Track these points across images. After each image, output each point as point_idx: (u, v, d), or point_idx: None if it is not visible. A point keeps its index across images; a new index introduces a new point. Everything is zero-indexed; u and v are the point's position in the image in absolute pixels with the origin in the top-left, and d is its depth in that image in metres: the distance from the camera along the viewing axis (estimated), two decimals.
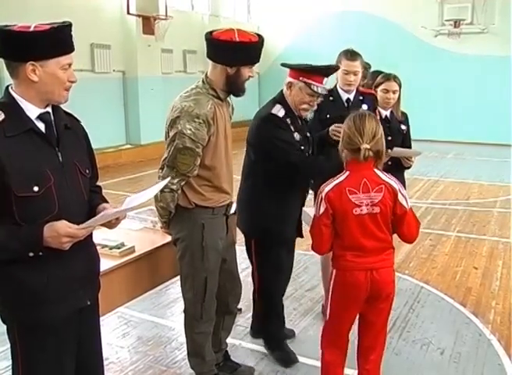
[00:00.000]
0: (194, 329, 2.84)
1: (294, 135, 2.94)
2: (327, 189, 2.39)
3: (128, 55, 10.99)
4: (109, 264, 2.64)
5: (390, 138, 3.61)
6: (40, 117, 1.79)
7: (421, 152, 3.68)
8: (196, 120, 2.50)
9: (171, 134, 2.58)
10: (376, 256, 2.40)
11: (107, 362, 3.11)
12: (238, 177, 3.09)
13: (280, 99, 3.00)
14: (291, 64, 2.96)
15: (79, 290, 1.91)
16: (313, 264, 4.78)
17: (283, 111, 2.96)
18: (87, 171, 1.95)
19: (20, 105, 1.76)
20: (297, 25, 14.74)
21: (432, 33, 13.39)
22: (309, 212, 2.54)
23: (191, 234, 2.68)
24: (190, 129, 2.50)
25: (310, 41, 14.13)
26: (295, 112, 2.98)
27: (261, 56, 2.62)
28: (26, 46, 1.69)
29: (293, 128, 2.95)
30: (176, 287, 2.89)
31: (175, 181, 2.57)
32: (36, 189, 1.73)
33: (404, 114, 3.88)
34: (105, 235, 2.84)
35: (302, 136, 2.98)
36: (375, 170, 2.40)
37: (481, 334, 3.58)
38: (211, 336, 2.91)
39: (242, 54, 2.52)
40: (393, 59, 11.55)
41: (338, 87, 3.58)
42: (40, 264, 1.77)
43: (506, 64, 12.35)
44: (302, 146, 2.96)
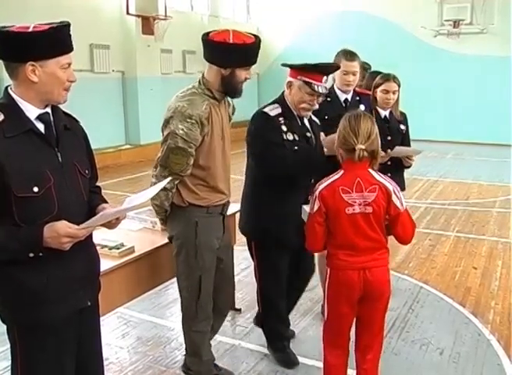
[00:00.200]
0: (190, 327, 2.85)
1: (286, 135, 2.88)
2: (321, 187, 2.42)
3: (127, 56, 11.00)
4: (109, 264, 2.64)
5: (390, 138, 3.62)
6: (39, 118, 1.79)
7: (422, 151, 3.68)
8: (188, 120, 2.52)
9: (164, 134, 2.62)
10: (368, 255, 2.41)
11: (106, 363, 3.11)
12: (237, 177, 3.09)
13: (280, 99, 2.99)
14: (291, 63, 2.94)
15: (79, 290, 1.91)
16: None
17: (278, 110, 2.93)
18: (87, 171, 1.95)
19: (20, 106, 1.76)
20: (297, 25, 14.75)
21: (432, 33, 13.41)
22: (307, 210, 2.55)
23: (185, 232, 2.71)
24: (183, 129, 2.52)
25: (309, 42, 14.13)
26: (294, 112, 2.95)
27: (261, 57, 2.62)
28: (25, 46, 1.69)
29: (286, 128, 2.89)
30: (176, 288, 2.89)
31: (168, 180, 2.59)
32: (36, 189, 1.73)
33: (403, 114, 3.88)
34: (105, 235, 2.84)
35: (300, 136, 2.93)
36: (370, 170, 2.41)
37: (480, 334, 3.58)
38: (208, 335, 2.91)
39: (235, 56, 2.52)
40: (393, 59, 11.56)
41: (335, 88, 3.57)
42: (40, 264, 1.77)
43: (505, 64, 12.37)
44: (296, 146, 2.90)
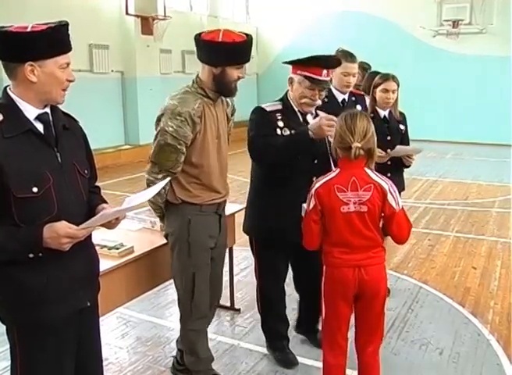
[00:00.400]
0: (186, 326, 2.85)
1: (282, 131, 2.86)
2: (317, 185, 2.45)
3: (126, 56, 10.99)
4: (108, 264, 2.64)
5: (389, 138, 3.62)
6: (38, 118, 1.79)
7: (422, 149, 3.69)
8: (178, 118, 2.55)
9: (156, 131, 2.65)
10: (364, 253, 2.43)
11: (106, 363, 3.11)
12: (236, 177, 3.08)
13: (283, 97, 2.98)
14: (291, 60, 2.89)
15: (79, 290, 1.91)
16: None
17: (277, 107, 2.92)
18: (86, 171, 1.95)
19: (19, 106, 1.76)
20: (296, 25, 14.75)
21: (431, 33, 13.42)
22: (306, 207, 2.57)
23: (178, 229, 2.73)
24: (172, 126, 2.55)
25: (309, 42, 14.11)
26: (295, 109, 2.92)
27: (260, 57, 2.62)
28: (24, 46, 1.69)
29: (283, 124, 2.87)
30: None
31: (159, 177, 2.63)
32: (35, 190, 1.73)
33: (402, 114, 3.88)
34: (104, 235, 2.84)
35: None
36: (366, 169, 2.42)
37: (479, 334, 3.59)
38: (205, 334, 2.91)
39: (225, 54, 2.54)
40: (392, 59, 11.58)
41: (333, 88, 3.55)
42: (39, 265, 1.77)
43: (504, 64, 12.39)
44: None
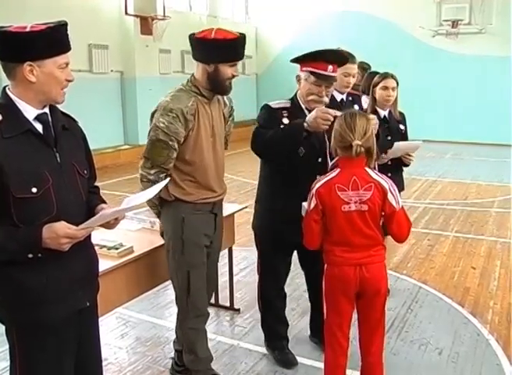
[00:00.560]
0: (184, 324, 2.86)
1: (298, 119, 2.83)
2: (318, 185, 2.46)
3: (126, 56, 10.99)
4: (107, 264, 2.64)
5: (390, 138, 3.63)
6: (37, 118, 1.79)
7: (420, 144, 3.69)
8: (169, 114, 2.57)
9: (149, 128, 2.68)
10: (364, 252, 2.44)
11: (105, 363, 3.11)
12: (235, 177, 3.08)
13: (293, 95, 2.97)
14: (296, 56, 2.85)
15: (78, 291, 1.90)
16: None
17: (284, 104, 2.92)
18: (85, 172, 1.95)
19: (18, 106, 1.76)
20: (296, 25, 14.74)
21: (430, 33, 13.43)
22: (306, 207, 2.57)
23: (172, 227, 2.75)
24: (164, 122, 2.58)
25: (308, 42, 14.02)
26: (303, 106, 2.89)
27: (259, 57, 2.62)
28: (23, 46, 1.69)
29: (288, 121, 2.85)
30: None
31: (152, 172, 2.65)
32: (34, 190, 1.72)
33: (402, 114, 3.88)
34: (103, 235, 2.84)
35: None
36: (366, 169, 2.44)
37: (479, 334, 3.59)
38: (204, 333, 2.91)
39: (216, 51, 2.55)
40: (392, 59, 11.57)
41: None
42: (39, 265, 1.77)
43: (503, 64, 12.40)
44: None
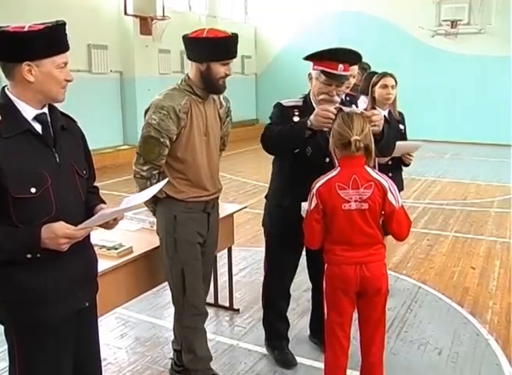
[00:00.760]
0: (180, 323, 2.86)
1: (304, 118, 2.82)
2: (318, 184, 2.46)
3: (125, 56, 10.98)
4: (107, 265, 2.64)
5: (391, 137, 3.62)
6: (36, 118, 1.79)
7: (422, 144, 3.71)
8: (161, 111, 2.61)
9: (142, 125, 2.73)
10: (365, 251, 2.45)
11: (105, 363, 3.11)
12: (234, 177, 3.08)
13: (306, 94, 2.97)
14: (308, 54, 2.82)
15: (78, 291, 1.90)
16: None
17: (297, 103, 2.92)
18: (84, 172, 1.95)
19: (17, 106, 1.76)
20: (295, 25, 14.74)
21: (430, 33, 13.44)
22: (305, 207, 2.57)
23: (165, 225, 2.77)
24: (155, 119, 2.62)
25: (308, 42, 14.09)
26: (314, 105, 2.86)
27: (259, 57, 2.63)
28: (21, 46, 1.69)
29: (299, 119, 2.83)
30: None
31: (144, 168, 2.71)
32: (33, 190, 1.72)
33: (401, 114, 3.88)
34: (103, 236, 2.84)
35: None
36: (366, 167, 2.45)
37: (478, 334, 3.59)
38: (202, 332, 2.91)
39: (208, 49, 2.57)
40: (391, 59, 11.57)
41: None
42: (38, 265, 1.77)
43: (503, 64, 12.41)
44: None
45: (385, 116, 3.70)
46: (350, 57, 2.84)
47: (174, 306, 2.89)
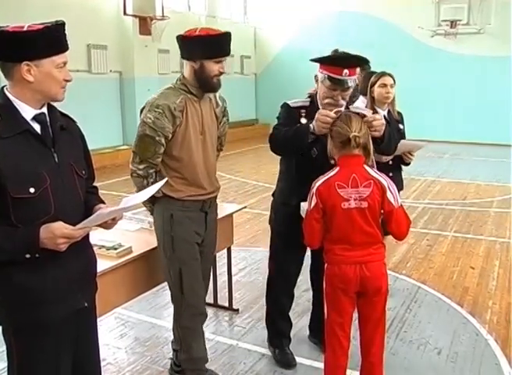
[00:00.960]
0: (179, 323, 2.86)
1: (307, 121, 2.81)
2: (318, 184, 2.47)
3: (125, 56, 10.99)
4: (106, 265, 2.64)
5: None
6: (35, 118, 1.79)
7: (425, 144, 3.73)
8: (156, 110, 2.62)
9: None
10: (364, 250, 2.45)
11: (104, 363, 3.11)
12: (233, 177, 3.08)
13: (313, 94, 2.96)
14: (315, 57, 2.80)
15: (77, 291, 1.90)
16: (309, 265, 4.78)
17: (303, 103, 2.92)
18: (83, 172, 1.95)
19: (16, 106, 1.76)
20: (294, 25, 14.74)
21: (429, 33, 13.45)
22: (305, 207, 2.58)
23: (162, 224, 2.77)
24: (150, 118, 2.62)
25: (307, 42, 14.12)
26: (320, 107, 2.84)
27: (258, 57, 2.63)
28: (20, 46, 1.69)
29: (306, 120, 2.83)
30: None
31: (141, 167, 2.70)
32: (32, 190, 1.72)
33: (400, 113, 3.89)
34: (102, 236, 2.84)
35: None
36: (365, 166, 2.46)
37: (478, 334, 3.59)
38: (199, 333, 2.90)
39: (200, 47, 2.59)
40: (390, 59, 11.56)
41: None
42: (37, 266, 1.77)
43: (502, 64, 12.42)
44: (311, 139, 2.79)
45: (384, 116, 3.71)
46: (356, 63, 2.81)
47: (173, 306, 2.89)
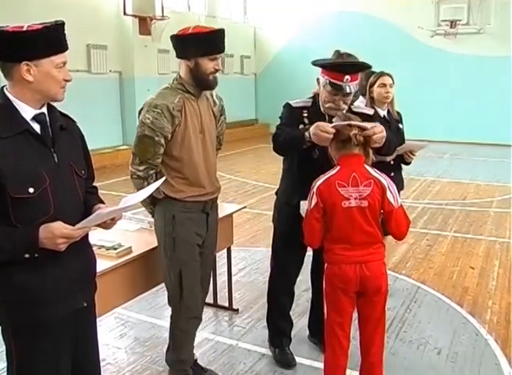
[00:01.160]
0: (175, 324, 2.85)
1: (304, 127, 2.81)
2: (318, 183, 2.48)
3: (124, 56, 10.99)
4: (106, 265, 2.64)
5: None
6: (35, 118, 1.78)
7: (427, 144, 3.77)
8: (154, 110, 2.60)
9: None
10: (364, 250, 2.46)
11: (104, 363, 3.11)
12: (233, 177, 3.08)
13: (315, 94, 2.95)
14: (317, 62, 2.79)
15: (76, 291, 1.90)
16: (309, 264, 4.77)
17: (305, 104, 2.92)
18: (83, 172, 1.94)
19: (15, 106, 1.76)
20: (294, 25, 14.75)
21: (429, 33, 13.45)
22: (305, 206, 2.58)
23: (163, 225, 2.75)
24: (149, 118, 2.61)
25: (307, 42, 14.13)
26: (321, 108, 2.86)
27: (258, 57, 2.63)
28: (19, 46, 1.69)
29: (308, 121, 2.83)
30: None
31: (141, 168, 2.68)
32: (31, 190, 1.72)
33: (399, 113, 3.89)
34: (102, 236, 2.84)
35: None
36: (365, 166, 2.47)
37: (477, 334, 3.59)
38: (192, 336, 2.91)
39: (195, 45, 2.58)
40: (390, 59, 11.57)
41: None
42: (37, 266, 1.77)
43: (502, 64, 12.43)
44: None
45: (384, 116, 3.72)
46: (358, 69, 2.80)
47: (171, 308, 2.87)
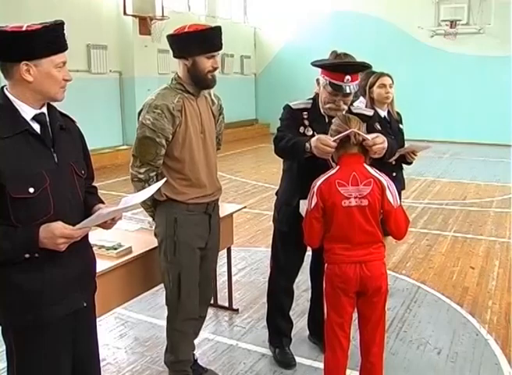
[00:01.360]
0: (172, 325, 2.85)
1: (305, 130, 2.83)
2: (319, 183, 2.48)
3: (124, 56, 10.99)
4: (106, 265, 2.64)
5: (393, 138, 3.62)
6: (35, 118, 1.79)
7: (431, 145, 3.79)
8: (155, 111, 2.58)
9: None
10: (365, 249, 2.46)
11: (104, 363, 3.11)
12: (233, 177, 3.08)
13: (315, 95, 2.93)
14: (317, 63, 2.79)
15: (76, 291, 1.90)
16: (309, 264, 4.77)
17: (305, 105, 2.90)
18: (83, 172, 1.95)
19: (15, 106, 1.76)
20: (294, 25, 14.73)
21: (429, 33, 13.44)
22: (305, 206, 2.58)
23: (165, 228, 2.73)
24: (149, 119, 2.58)
25: (307, 42, 14.12)
26: (321, 110, 2.86)
27: (258, 57, 2.63)
28: (19, 46, 1.69)
29: (308, 123, 2.84)
30: None
31: (141, 171, 2.65)
32: (31, 190, 1.72)
33: (399, 114, 3.89)
34: (102, 236, 2.84)
35: (320, 133, 2.75)
36: (365, 165, 2.48)
37: (478, 334, 3.59)
38: (190, 337, 2.91)
39: (191, 44, 2.57)
40: (390, 59, 11.58)
41: None
42: (36, 266, 1.77)
43: (502, 64, 12.42)
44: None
45: (384, 117, 3.72)
46: (358, 69, 2.78)
47: (167, 308, 2.87)
